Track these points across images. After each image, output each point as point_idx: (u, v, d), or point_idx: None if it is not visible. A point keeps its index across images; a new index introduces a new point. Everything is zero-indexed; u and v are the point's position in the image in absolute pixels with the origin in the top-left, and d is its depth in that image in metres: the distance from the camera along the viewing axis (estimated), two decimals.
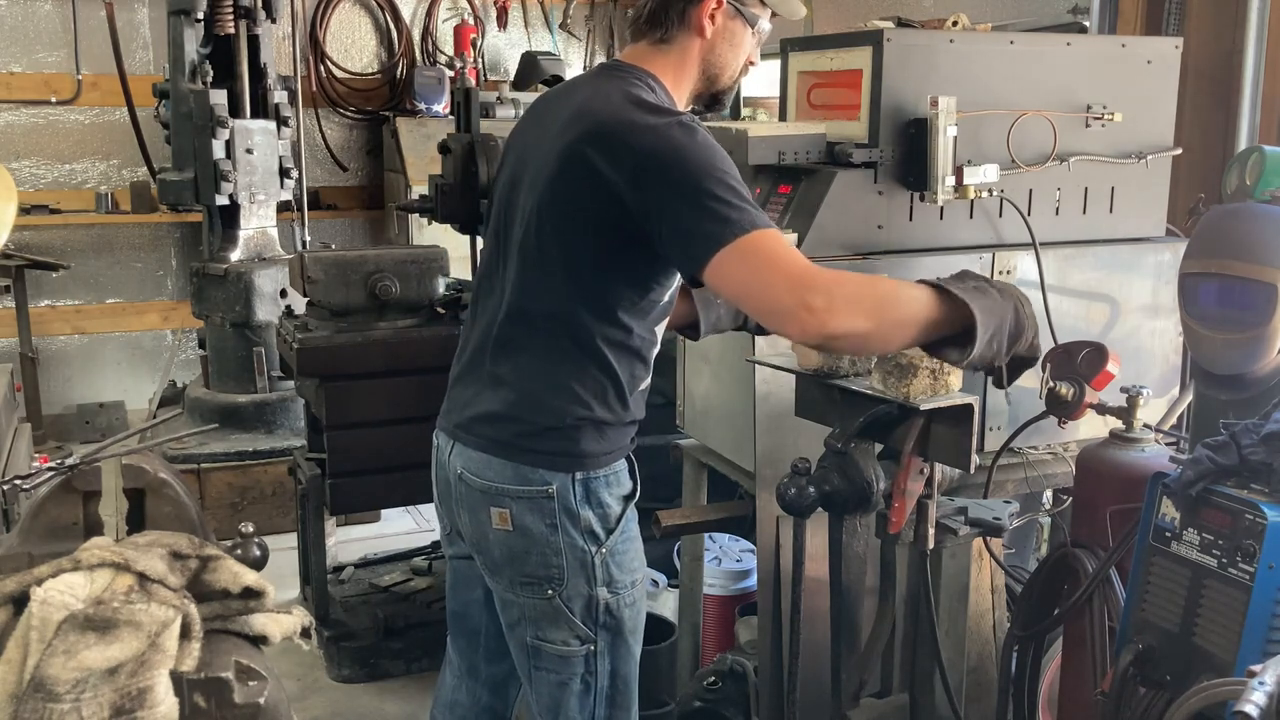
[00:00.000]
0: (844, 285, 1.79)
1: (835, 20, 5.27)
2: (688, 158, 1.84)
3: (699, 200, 1.81)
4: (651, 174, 1.85)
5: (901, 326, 1.83)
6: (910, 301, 1.83)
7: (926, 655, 2.36)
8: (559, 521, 2.01)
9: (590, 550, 2.04)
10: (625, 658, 2.13)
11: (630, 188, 1.86)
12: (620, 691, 2.14)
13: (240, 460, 4.93)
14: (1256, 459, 1.85)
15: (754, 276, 1.79)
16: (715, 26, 2.05)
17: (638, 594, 2.13)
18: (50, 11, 6.10)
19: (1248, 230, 2.45)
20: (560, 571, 2.03)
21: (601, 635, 2.08)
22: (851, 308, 1.76)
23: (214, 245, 5.29)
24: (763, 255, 1.79)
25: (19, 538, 1.66)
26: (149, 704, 1.34)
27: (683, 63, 2.07)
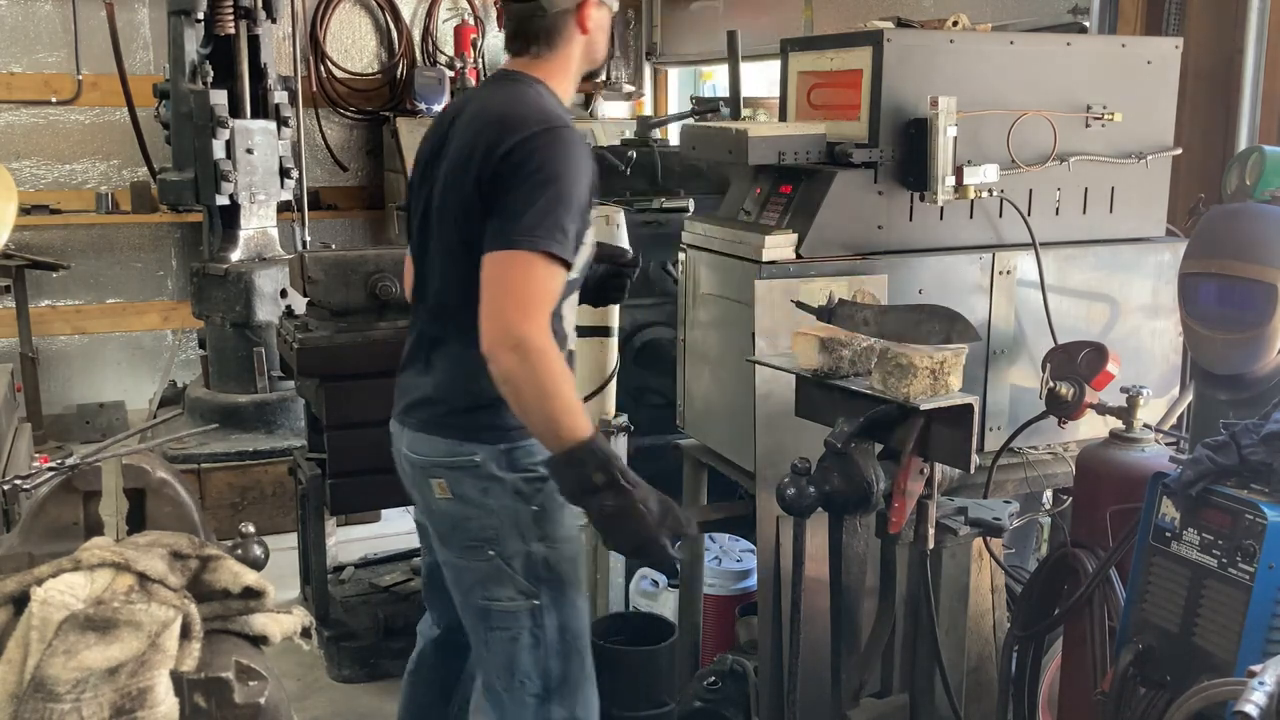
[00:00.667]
0: (544, 360, 2.00)
1: (835, 20, 5.27)
2: (546, 161, 2.05)
3: (531, 197, 2.03)
4: (511, 168, 2.06)
5: (537, 420, 2.04)
6: (560, 418, 2.02)
7: (926, 655, 2.36)
8: (488, 486, 2.19)
9: (521, 509, 2.19)
10: (570, 611, 2.24)
11: (492, 179, 2.08)
12: (569, 644, 2.24)
13: (240, 460, 4.92)
14: (1256, 459, 1.85)
15: (507, 286, 2.02)
16: (590, 26, 2.23)
17: (576, 549, 2.27)
18: (50, 11, 6.10)
19: (1248, 230, 2.45)
20: (496, 532, 2.19)
21: (544, 590, 2.21)
22: (529, 377, 1.99)
23: (214, 245, 5.29)
24: (535, 279, 2.02)
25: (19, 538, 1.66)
26: (149, 704, 1.34)
27: (567, 64, 2.26)
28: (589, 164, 2.12)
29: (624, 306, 3.29)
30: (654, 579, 3.69)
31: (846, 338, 2.25)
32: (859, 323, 2.27)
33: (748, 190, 2.96)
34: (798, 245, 2.70)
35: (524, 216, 2.03)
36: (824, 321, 2.32)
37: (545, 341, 2.01)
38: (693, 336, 3.05)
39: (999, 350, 2.89)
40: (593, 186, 2.14)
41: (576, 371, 3.18)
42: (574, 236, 2.07)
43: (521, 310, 2.01)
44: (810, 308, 2.36)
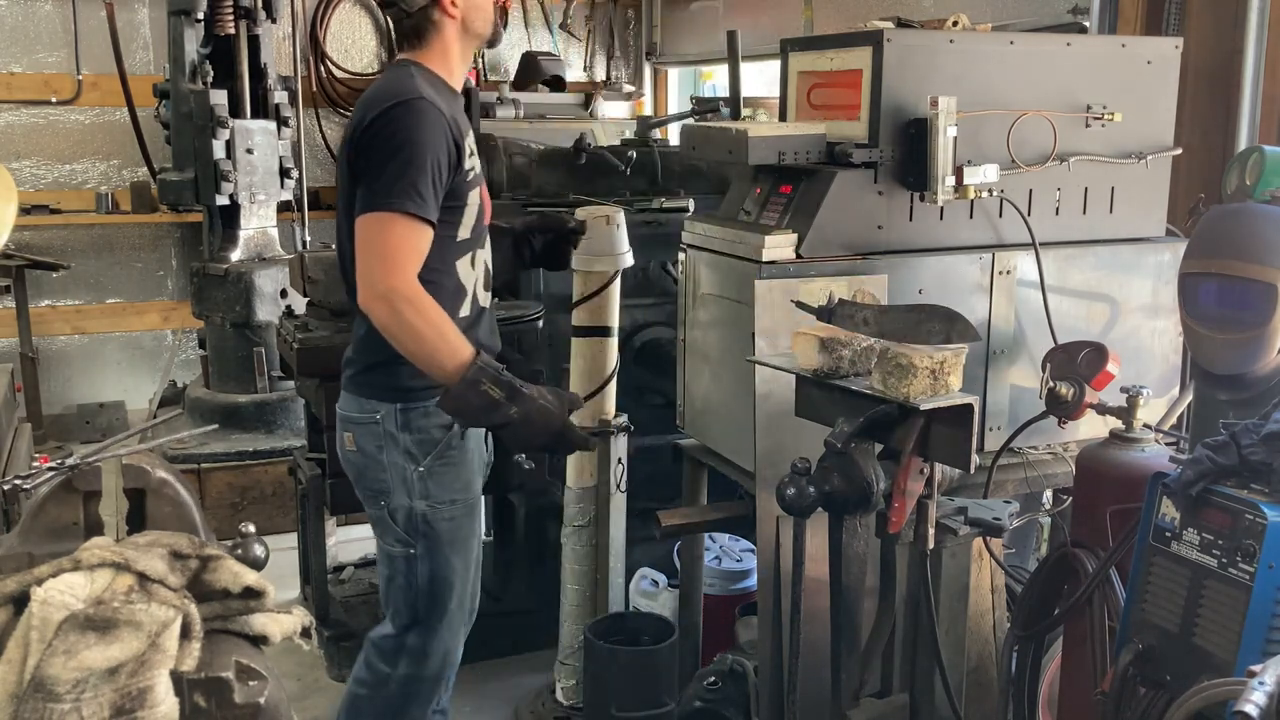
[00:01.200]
0: (412, 305, 2.25)
1: (835, 20, 5.27)
2: (398, 129, 2.29)
3: (386, 163, 2.28)
4: (369, 139, 2.32)
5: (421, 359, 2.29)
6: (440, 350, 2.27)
7: (926, 655, 2.36)
8: (384, 443, 2.45)
9: (409, 468, 2.44)
10: (443, 565, 2.51)
11: (358, 152, 2.35)
12: (439, 592, 2.53)
13: (240, 460, 4.92)
14: (1256, 459, 1.85)
15: (372, 247, 2.28)
16: (457, 5, 2.43)
17: (458, 511, 2.50)
18: (50, 11, 6.10)
19: (1248, 230, 2.45)
20: (387, 485, 2.47)
21: (420, 542, 2.48)
22: (402, 323, 2.25)
23: (214, 245, 5.29)
24: (395, 236, 2.27)
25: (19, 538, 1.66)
26: (149, 704, 1.34)
27: (446, 47, 2.47)
28: (440, 132, 2.32)
29: (624, 306, 3.30)
30: (654, 579, 3.69)
31: (846, 338, 2.25)
32: (859, 323, 2.27)
33: (748, 190, 2.96)
34: (798, 245, 2.70)
35: (380, 180, 2.28)
36: (824, 321, 2.32)
37: (412, 290, 2.25)
38: (693, 336, 3.05)
39: (999, 350, 2.89)
40: (449, 152, 2.34)
41: (574, 368, 3.21)
42: (433, 197, 2.30)
43: (384, 265, 2.26)
44: (810, 308, 2.36)
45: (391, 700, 2.59)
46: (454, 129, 2.37)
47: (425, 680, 2.59)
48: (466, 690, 3.57)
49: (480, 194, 2.52)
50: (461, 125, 2.44)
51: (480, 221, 2.52)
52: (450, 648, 2.61)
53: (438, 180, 2.32)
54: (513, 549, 3.96)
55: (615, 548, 3.29)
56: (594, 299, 3.15)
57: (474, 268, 2.52)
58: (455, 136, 2.37)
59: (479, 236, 2.52)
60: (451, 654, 2.63)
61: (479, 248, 2.54)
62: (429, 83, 2.41)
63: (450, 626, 2.58)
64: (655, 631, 3.08)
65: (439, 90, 2.43)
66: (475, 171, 2.49)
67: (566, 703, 3.36)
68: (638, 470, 3.36)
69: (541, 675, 3.61)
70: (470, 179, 2.46)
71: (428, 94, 2.35)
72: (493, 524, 4.23)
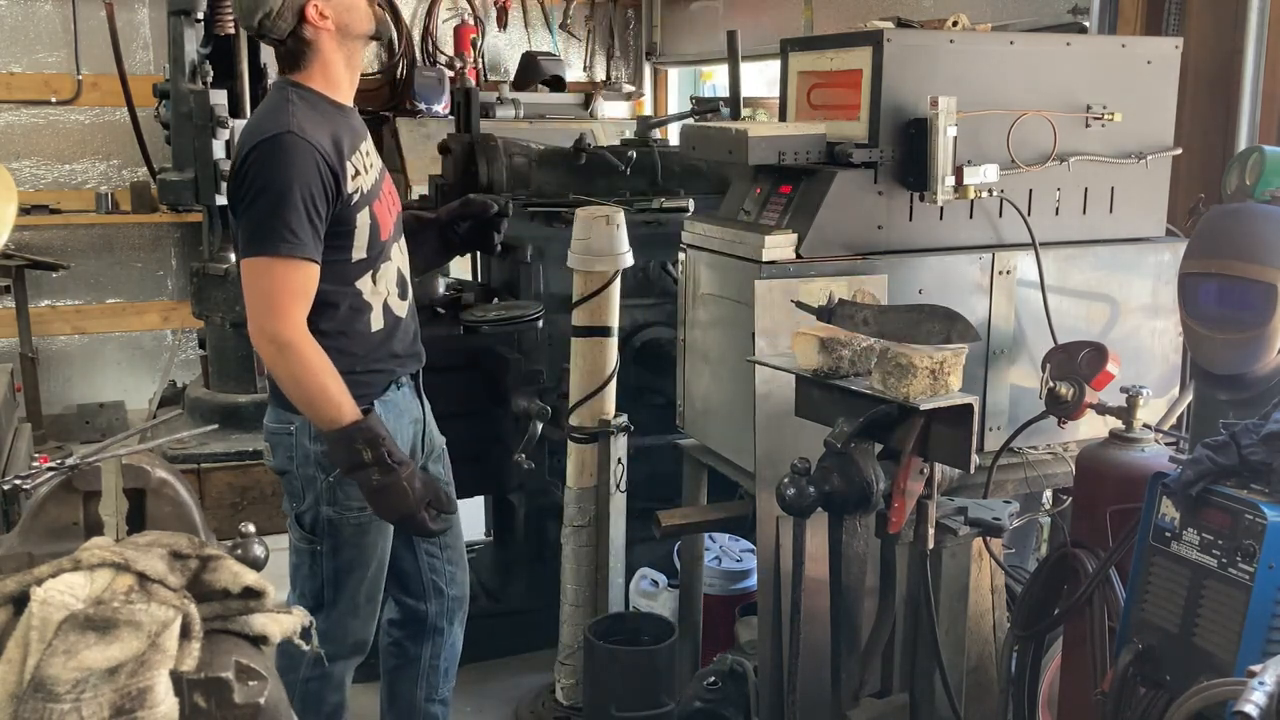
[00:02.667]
0: (295, 353, 2.30)
1: (835, 20, 5.27)
2: (263, 169, 2.28)
3: (255, 205, 2.29)
4: (237, 184, 2.34)
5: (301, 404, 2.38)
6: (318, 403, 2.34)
7: (926, 655, 2.36)
8: (294, 454, 2.52)
9: (319, 478, 2.50)
10: (347, 564, 2.59)
11: (231, 196, 2.39)
12: (340, 586, 2.61)
13: (240, 460, 4.92)
14: (1256, 459, 1.85)
15: (255, 291, 2.30)
16: (329, 18, 2.38)
17: (365, 519, 2.53)
18: (50, 11, 6.09)
19: (1248, 230, 2.45)
20: (300, 489, 2.54)
21: (325, 541, 2.57)
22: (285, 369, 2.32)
23: (214, 245, 5.28)
24: (272, 281, 2.29)
25: (19, 538, 1.66)
26: (149, 704, 1.34)
27: (325, 62, 2.43)
28: (310, 164, 2.30)
29: (624, 306, 3.30)
30: (654, 579, 3.69)
31: (846, 338, 2.25)
32: (859, 323, 2.27)
33: (748, 190, 2.96)
34: (798, 245, 2.70)
35: (252, 223, 2.30)
36: (824, 321, 2.32)
37: (296, 336, 2.30)
38: (693, 336, 3.05)
39: (999, 350, 2.89)
40: (324, 183, 2.32)
41: (574, 368, 3.20)
42: (310, 232, 2.30)
43: (268, 310, 2.29)
44: (810, 308, 2.36)
45: (306, 684, 2.66)
46: (327, 159, 2.33)
47: (337, 662, 2.66)
48: (467, 690, 3.57)
49: (373, 211, 2.47)
50: (345, 145, 2.40)
51: (376, 238, 2.48)
52: (361, 637, 2.69)
53: (313, 214, 2.30)
54: (513, 549, 3.96)
55: (615, 548, 3.28)
56: (594, 299, 3.15)
57: (377, 283, 2.51)
58: (331, 165, 2.33)
59: (379, 253, 2.50)
60: (363, 642, 2.71)
61: (382, 262, 2.51)
62: (307, 105, 2.38)
63: (359, 616, 2.65)
64: (655, 631, 3.08)
65: (319, 112, 2.39)
66: (362, 191, 2.44)
67: (566, 703, 3.36)
68: (638, 470, 3.36)
69: (541, 675, 3.61)
70: (355, 201, 2.41)
71: (297, 125, 2.31)
72: (493, 524, 4.23)
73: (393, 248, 2.57)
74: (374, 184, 2.49)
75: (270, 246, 2.27)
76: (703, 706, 2.94)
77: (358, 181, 2.42)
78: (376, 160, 2.56)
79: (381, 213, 2.50)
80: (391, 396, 2.57)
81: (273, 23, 2.35)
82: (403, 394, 2.62)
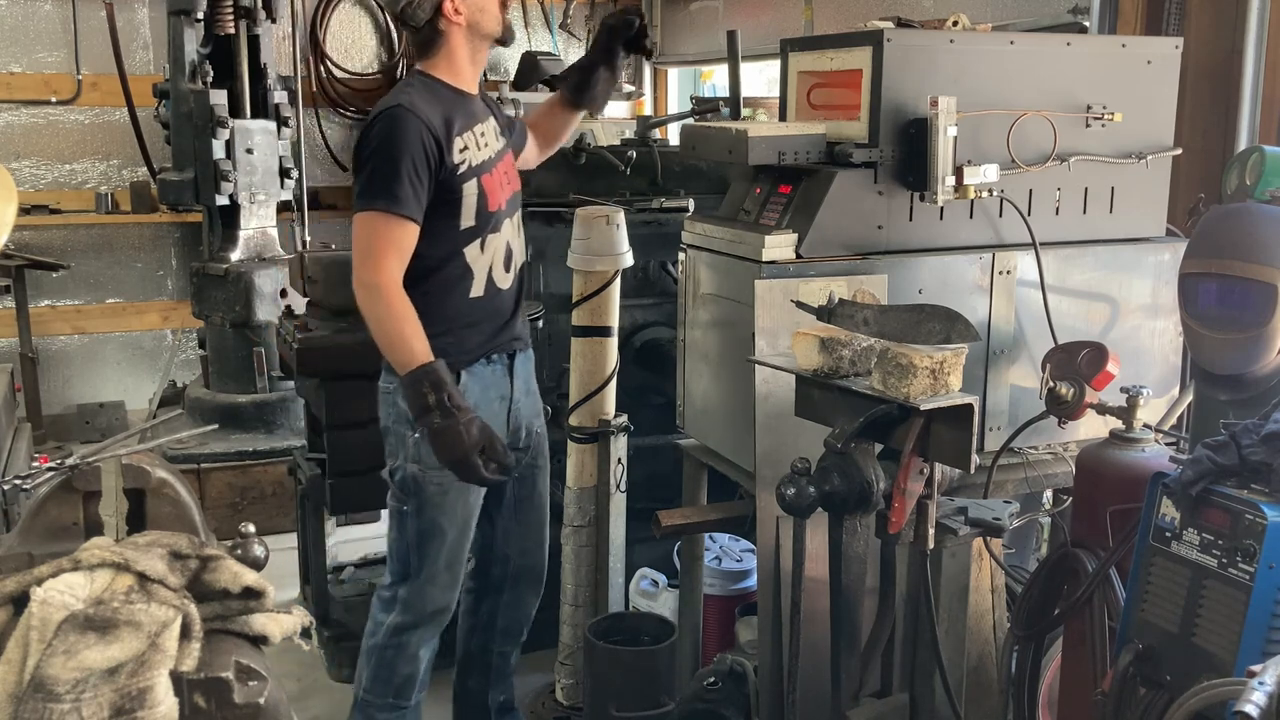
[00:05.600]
0: (381, 297, 2.54)
1: (835, 20, 5.27)
2: (374, 138, 2.57)
3: (366, 169, 2.57)
4: (358, 148, 2.64)
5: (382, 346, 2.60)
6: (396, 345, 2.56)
7: (926, 655, 2.36)
8: (390, 410, 2.74)
9: (406, 433, 2.69)
10: (428, 526, 2.75)
11: (354, 158, 2.69)
12: (423, 550, 2.76)
13: (240, 460, 4.92)
14: (1256, 459, 1.85)
15: (358, 240, 2.58)
16: (462, 15, 2.64)
17: (447, 479, 2.68)
18: (50, 11, 6.09)
19: (1248, 230, 2.45)
20: (394, 447, 2.75)
21: (410, 501, 2.74)
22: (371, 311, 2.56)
23: (214, 245, 5.29)
24: (373, 232, 2.56)
25: (19, 538, 1.67)
26: (149, 704, 1.34)
27: (452, 53, 2.70)
28: (415, 136, 2.56)
29: (624, 306, 3.30)
30: (654, 579, 3.69)
31: (846, 338, 2.25)
32: (859, 323, 2.27)
33: (748, 190, 2.96)
34: (798, 245, 2.69)
35: (362, 184, 2.58)
36: (824, 321, 2.32)
37: (384, 281, 2.54)
38: (693, 336, 3.05)
39: (999, 350, 2.89)
40: (428, 153, 2.57)
41: (574, 368, 3.20)
42: (412, 194, 2.55)
43: (365, 257, 2.56)
44: (810, 308, 2.36)
45: (382, 651, 2.82)
46: (433, 132, 2.58)
47: (413, 630, 2.80)
48: None
49: (481, 183, 2.69)
50: (456, 124, 2.65)
51: (485, 208, 2.70)
52: (441, 605, 2.83)
53: (415, 179, 2.56)
54: None
55: (615, 548, 3.29)
56: (594, 299, 3.15)
57: (484, 251, 2.73)
58: (436, 137, 2.58)
59: (487, 223, 2.72)
60: (443, 613, 2.85)
61: (490, 232, 2.73)
62: (426, 89, 2.66)
63: (438, 584, 2.80)
64: (655, 631, 3.08)
65: (436, 95, 2.66)
66: (470, 164, 2.67)
67: (566, 703, 3.36)
68: (638, 470, 3.36)
69: (541, 675, 3.61)
70: (462, 172, 2.65)
71: (410, 102, 2.59)
72: None
73: (504, 221, 2.78)
74: (486, 160, 2.72)
75: (374, 202, 2.54)
76: (703, 706, 2.94)
77: (466, 155, 2.66)
78: (495, 141, 2.79)
79: (493, 187, 2.72)
80: (480, 370, 2.76)
81: (413, 11, 2.61)
82: (493, 370, 2.80)
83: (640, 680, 2.97)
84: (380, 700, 2.84)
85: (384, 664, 2.82)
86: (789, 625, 2.28)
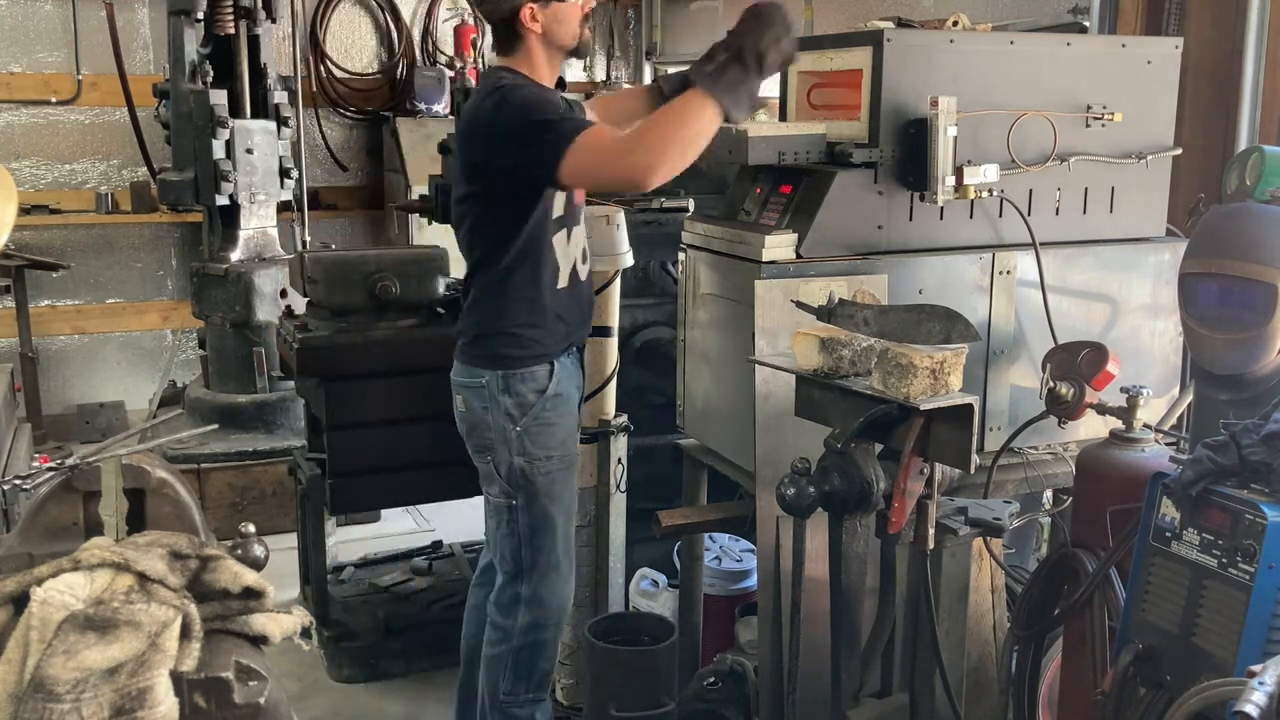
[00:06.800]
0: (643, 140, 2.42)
1: (835, 20, 5.27)
2: (505, 105, 2.54)
3: (527, 129, 2.50)
4: (486, 128, 2.59)
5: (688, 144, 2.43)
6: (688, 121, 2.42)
7: (926, 655, 2.36)
8: (489, 405, 2.71)
9: (509, 428, 2.70)
10: (541, 514, 2.77)
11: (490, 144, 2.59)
12: (540, 540, 2.78)
13: (240, 460, 4.92)
14: (1256, 459, 1.85)
15: (589, 168, 2.49)
16: (539, 22, 2.63)
17: (553, 467, 2.75)
18: (50, 11, 6.09)
19: (1248, 230, 2.45)
20: (491, 443, 2.74)
21: (520, 494, 2.74)
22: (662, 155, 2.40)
23: (214, 245, 5.28)
24: (590, 149, 2.47)
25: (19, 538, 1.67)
26: (149, 704, 1.34)
27: (530, 53, 2.69)
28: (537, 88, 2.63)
29: (624, 306, 3.30)
30: (654, 579, 3.69)
31: (846, 338, 2.25)
32: (859, 323, 2.27)
33: (748, 190, 2.96)
34: (798, 245, 2.70)
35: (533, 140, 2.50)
36: (824, 321, 2.32)
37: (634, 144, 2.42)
38: (693, 336, 3.05)
39: (999, 350, 2.89)
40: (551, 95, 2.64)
41: None
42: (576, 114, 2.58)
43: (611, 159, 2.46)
44: (810, 308, 2.36)
45: (518, 652, 2.82)
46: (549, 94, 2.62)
47: (547, 627, 2.83)
48: None
49: None
50: None
51: (571, 199, 2.73)
52: (564, 597, 2.87)
53: (565, 113, 2.54)
54: None
55: (615, 548, 3.29)
56: None
57: (569, 242, 2.74)
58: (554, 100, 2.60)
59: (571, 215, 2.74)
60: (566, 603, 2.88)
61: (574, 224, 2.76)
62: (518, 79, 2.66)
63: (558, 572, 2.82)
64: (655, 631, 3.08)
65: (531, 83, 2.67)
66: None
67: (566, 703, 3.36)
68: (638, 470, 3.36)
69: None
70: None
71: (512, 81, 2.62)
72: None
73: (581, 214, 2.82)
74: None
75: (565, 138, 2.46)
76: (703, 706, 2.94)
77: None
78: None
79: None
80: (565, 362, 2.80)
81: (492, 7, 2.65)
82: (573, 362, 2.86)
83: (640, 680, 2.97)
84: (520, 697, 2.86)
85: (522, 663, 2.82)
86: (789, 625, 2.28)
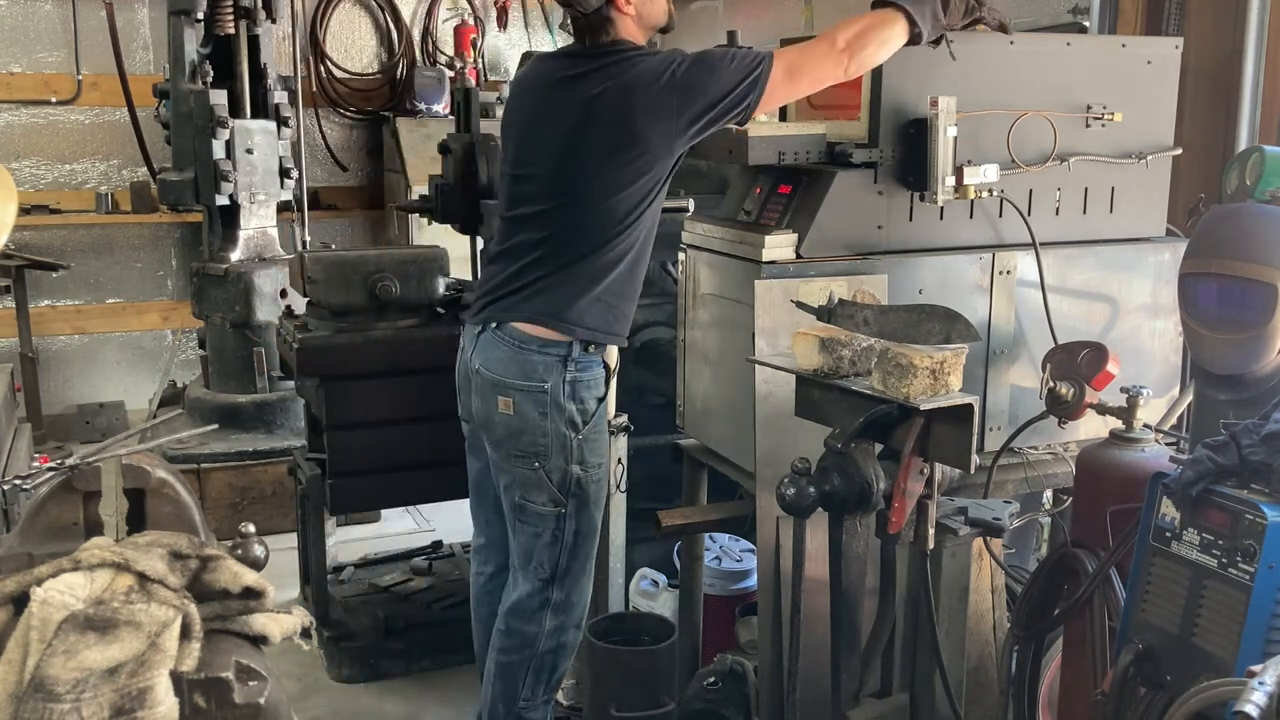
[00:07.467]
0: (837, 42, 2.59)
1: (835, 20, 5.25)
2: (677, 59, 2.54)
3: (710, 67, 2.53)
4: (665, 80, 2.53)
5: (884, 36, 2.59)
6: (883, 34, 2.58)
7: (926, 655, 2.36)
8: (548, 410, 2.63)
9: (571, 436, 2.65)
10: (587, 521, 2.75)
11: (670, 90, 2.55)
12: (580, 546, 2.76)
13: (240, 460, 4.92)
14: (1256, 459, 1.85)
15: (793, 81, 2.59)
16: (633, 4, 2.60)
17: (602, 474, 2.76)
18: (50, 11, 6.09)
19: (1248, 230, 2.45)
20: (545, 449, 2.65)
21: (571, 502, 2.70)
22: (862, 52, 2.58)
23: (214, 245, 5.28)
24: (791, 60, 2.60)
25: (19, 538, 1.67)
26: (149, 704, 1.34)
27: (623, 37, 2.64)
28: None
29: None
30: (654, 579, 3.69)
31: (846, 338, 2.25)
32: (859, 323, 2.27)
33: (748, 190, 2.96)
34: (798, 245, 2.70)
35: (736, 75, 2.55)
36: (824, 321, 2.33)
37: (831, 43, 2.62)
38: (693, 336, 3.05)
39: (999, 350, 2.89)
40: None
41: None
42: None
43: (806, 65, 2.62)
44: (810, 308, 2.36)
45: (542, 656, 2.80)
46: None
47: (571, 630, 2.82)
48: (466, 690, 3.57)
49: None
50: None
51: None
52: (587, 598, 2.87)
53: None
54: None
55: (615, 548, 3.28)
56: None
57: (652, 231, 2.72)
58: None
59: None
60: (586, 606, 2.88)
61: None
62: None
63: (589, 576, 2.83)
64: (655, 631, 3.08)
65: None
66: None
67: (566, 703, 3.36)
68: (638, 470, 3.36)
69: None
70: None
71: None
72: None
73: None
74: None
75: (755, 61, 2.55)
76: (703, 706, 2.94)
77: None
78: None
79: None
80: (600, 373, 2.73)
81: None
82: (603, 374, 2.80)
83: (640, 680, 2.97)
84: (536, 700, 2.85)
85: (545, 667, 2.82)
86: (789, 625, 2.28)
